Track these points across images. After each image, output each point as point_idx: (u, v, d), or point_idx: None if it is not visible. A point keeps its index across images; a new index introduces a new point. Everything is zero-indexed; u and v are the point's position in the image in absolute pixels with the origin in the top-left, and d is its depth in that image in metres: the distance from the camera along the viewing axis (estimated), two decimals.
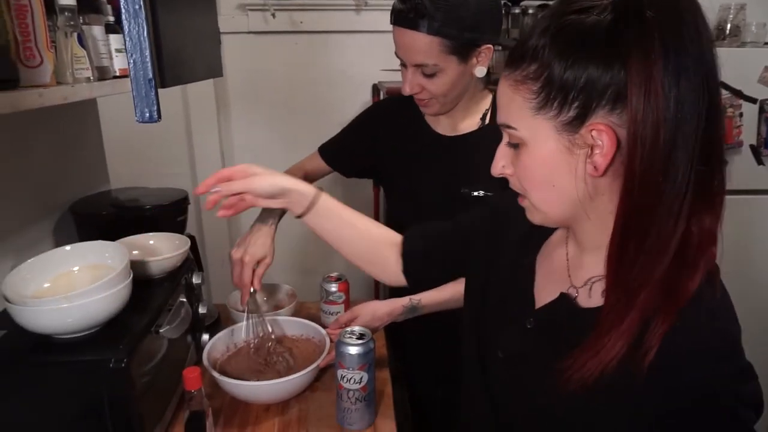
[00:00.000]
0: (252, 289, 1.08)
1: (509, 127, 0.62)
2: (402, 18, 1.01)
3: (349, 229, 0.91)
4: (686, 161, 0.53)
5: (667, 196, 0.54)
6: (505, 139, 0.65)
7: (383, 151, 1.25)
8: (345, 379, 0.93)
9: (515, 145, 0.63)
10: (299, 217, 0.89)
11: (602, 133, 0.56)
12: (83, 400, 0.80)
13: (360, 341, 0.93)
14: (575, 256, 0.69)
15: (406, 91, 1.08)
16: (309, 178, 1.34)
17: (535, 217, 0.67)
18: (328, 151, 1.33)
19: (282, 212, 1.16)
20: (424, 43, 1.00)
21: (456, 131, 1.17)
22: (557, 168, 0.60)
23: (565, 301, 0.66)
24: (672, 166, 0.53)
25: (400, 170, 1.24)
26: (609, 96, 0.55)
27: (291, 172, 1.31)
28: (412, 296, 1.11)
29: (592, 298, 0.64)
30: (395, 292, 1.37)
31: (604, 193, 0.60)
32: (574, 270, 0.68)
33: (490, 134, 1.14)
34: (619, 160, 0.56)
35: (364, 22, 2.09)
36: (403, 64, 1.08)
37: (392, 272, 0.93)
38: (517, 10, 1.99)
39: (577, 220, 0.64)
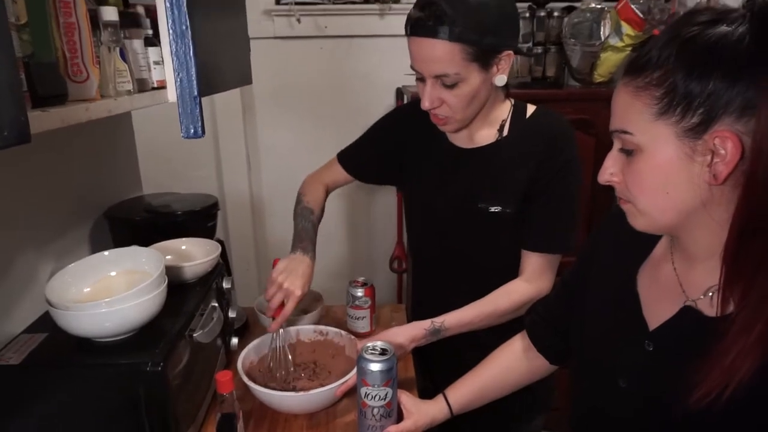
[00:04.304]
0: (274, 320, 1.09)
1: (625, 132, 0.61)
2: (420, 26, 0.97)
3: (496, 390, 0.97)
4: None
5: None
6: (617, 145, 0.64)
7: (402, 158, 1.23)
8: (369, 397, 0.90)
9: (628, 152, 0.62)
10: None
11: (726, 141, 0.54)
12: (121, 402, 0.82)
13: (383, 357, 0.89)
14: (684, 269, 0.67)
15: (426, 105, 1.04)
16: (330, 189, 1.32)
17: (638, 222, 0.65)
18: (346, 157, 1.30)
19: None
20: (445, 51, 0.96)
21: (473, 143, 1.14)
22: (673, 174, 0.59)
23: (689, 313, 0.64)
24: None
25: (417, 180, 1.21)
26: (737, 105, 0.53)
27: (311, 190, 1.28)
28: (435, 319, 1.08)
29: (715, 307, 0.62)
30: (418, 297, 1.37)
31: (721, 203, 0.58)
32: (686, 282, 0.66)
33: (507, 147, 1.13)
34: (741, 169, 0.55)
35: (388, 26, 2.09)
36: (420, 78, 1.04)
37: (540, 367, 0.95)
38: (542, 13, 1.97)
39: (685, 228, 0.63)
